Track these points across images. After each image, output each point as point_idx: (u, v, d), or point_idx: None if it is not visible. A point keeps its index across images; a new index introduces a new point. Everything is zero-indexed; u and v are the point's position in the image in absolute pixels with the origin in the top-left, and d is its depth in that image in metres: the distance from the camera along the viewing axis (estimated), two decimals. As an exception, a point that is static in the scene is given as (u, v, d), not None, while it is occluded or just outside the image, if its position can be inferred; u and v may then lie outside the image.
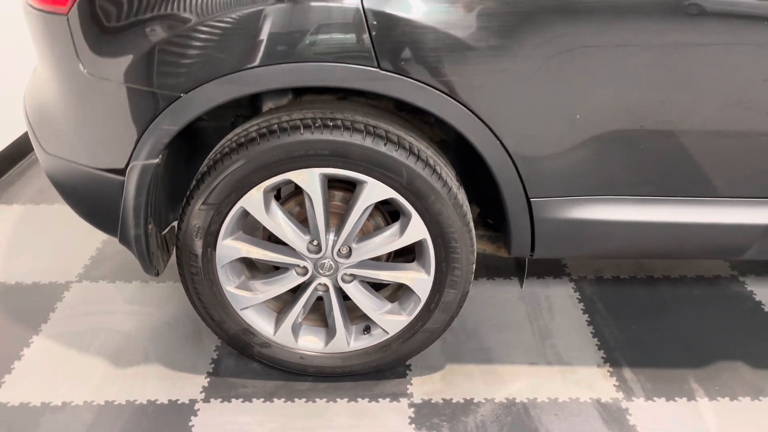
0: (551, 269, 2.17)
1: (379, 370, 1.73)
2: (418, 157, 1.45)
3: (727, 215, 1.51)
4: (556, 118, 1.39)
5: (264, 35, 1.31)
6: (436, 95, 1.35)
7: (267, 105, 1.60)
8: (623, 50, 1.34)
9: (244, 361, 1.79)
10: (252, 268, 1.72)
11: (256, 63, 1.32)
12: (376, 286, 1.72)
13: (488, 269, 2.17)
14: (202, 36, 1.32)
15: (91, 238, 2.30)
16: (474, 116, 1.37)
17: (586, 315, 1.97)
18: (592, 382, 1.73)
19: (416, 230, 1.53)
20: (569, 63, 1.32)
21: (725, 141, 1.46)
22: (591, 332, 1.90)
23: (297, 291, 1.66)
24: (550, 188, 1.48)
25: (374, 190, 1.48)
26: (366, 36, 1.29)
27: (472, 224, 1.56)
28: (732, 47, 1.34)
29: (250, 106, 1.64)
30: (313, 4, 1.29)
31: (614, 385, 1.72)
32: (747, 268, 2.16)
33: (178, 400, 1.68)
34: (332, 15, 1.29)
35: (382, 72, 1.33)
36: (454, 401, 1.67)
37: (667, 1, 1.30)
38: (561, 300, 2.04)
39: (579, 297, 2.05)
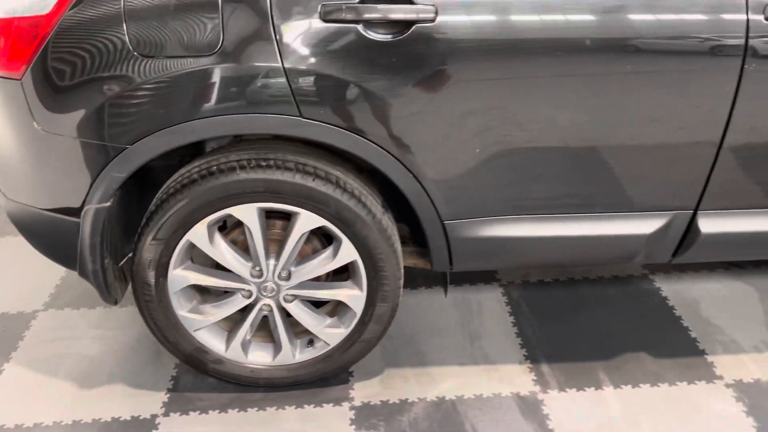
0: (483, 276, 2.38)
1: (324, 378, 1.92)
2: (344, 189, 1.64)
3: (615, 228, 1.73)
4: (457, 153, 1.59)
5: (199, 92, 1.49)
6: (352, 137, 1.54)
7: (210, 146, 1.79)
8: (517, 86, 1.53)
9: (201, 377, 1.96)
10: (204, 292, 1.89)
11: (193, 116, 1.50)
12: (318, 303, 1.92)
13: (426, 279, 2.37)
14: (145, 94, 1.50)
15: (55, 268, 2.44)
16: (386, 153, 1.57)
17: (512, 317, 2.19)
18: (513, 378, 1.94)
19: (347, 253, 1.72)
20: (464, 106, 1.52)
21: (620, 164, 1.66)
22: (515, 332, 2.12)
23: (245, 311, 1.84)
24: (460, 212, 1.69)
25: (307, 220, 1.67)
26: (287, 90, 1.48)
27: (397, 245, 1.76)
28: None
29: (194, 146, 1.81)
30: (242, 65, 1.47)
31: (533, 380, 1.93)
32: (657, 268, 2.40)
33: (140, 415, 1.84)
34: (258, 73, 1.48)
35: (305, 119, 1.52)
36: (390, 402, 1.87)
37: (562, 38, 1.51)
38: (490, 304, 2.25)
39: (507, 300, 2.27)
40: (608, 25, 1.50)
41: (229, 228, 1.84)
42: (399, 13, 1.43)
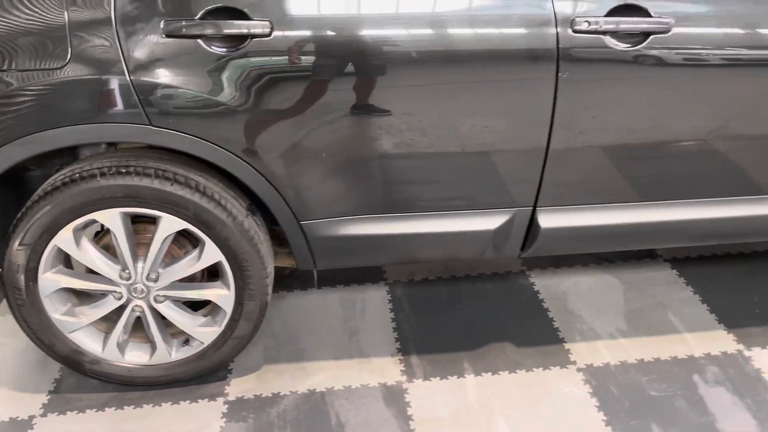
0: (371, 276, 2.50)
1: (202, 375, 2.01)
2: (204, 194, 1.74)
3: (464, 225, 1.86)
4: (303, 157, 1.70)
5: (50, 103, 1.58)
6: (202, 143, 1.64)
7: (84, 153, 1.87)
8: (353, 93, 1.64)
9: (84, 379, 2.03)
10: (82, 295, 1.97)
11: (46, 127, 1.59)
12: (200, 304, 2.00)
13: (316, 279, 2.47)
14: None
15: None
16: (237, 158, 1.67)
17: (393, 313, 2.30)
18: (383, 370, 2.05)
19: (211, 254, 1.82)
20: (302, 113, 1.63)
21: (463, 165, 1.80)
22: (393, 328, 2.23)
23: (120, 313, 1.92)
24: (316, 213, 1.80)
25: (169, 223, 1.76)
26: (135, 100, 1.58)
27: (261, 246, 1.85)
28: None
29: (71, 154, 1.89)
30: (89, 77, 1.56)
31: (401, 370, 2.04)
32: (534, 263, 2.55)
33: (17, 417, 1.90)
34: (105, 85, 1.57)
35: (155, 128, 1.62)
36: (263, 396, 1.96)
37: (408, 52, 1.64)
38: (374, 302, 2.37)
39: (390, 298, 2.38)
40: (435, 39, 1.63)
41: (103, 232, 1.92)
42: (235, 28, 1.55)
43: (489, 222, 1.86)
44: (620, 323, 2.22)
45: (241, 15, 1.56)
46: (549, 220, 1.87)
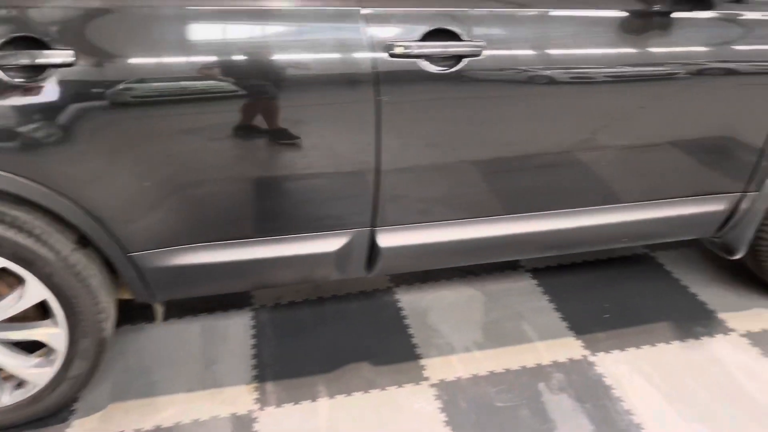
0: (236, 302, 2.46)
1: (41, 419, 1.91)
2: (21, 229, 1.66)
3: (305, 248, 1.84)
4: (123, 188, 1.64)
5: None
6: (8, 177, 1.56)
7: None
8: (162, 123, 1.60)
9: None
10: None
11: None
12: (37, 344, 1.90)
13: (180, 310, 2.40)
14: None
15: None
16: (49, 191, 1.59)
17: (254, 340, 2.26)
18: (236, 399, 2.01)
19: (35, 292, 1.73)
20: (110, 143, 1.58)
21: (295, 189, 1.77)
22: (252, 355, 2.19)
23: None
24: (144, 244, 1.75)
25: (-18, 263, 1.68)
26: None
27: (93, 280, 1.77)
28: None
29: None
30: None
31: (254, 399, 2.01)
32: (401, 280, 2.57)
33: None
34: None
35: (-48, 164, 1.54)
36: (105, 437, 1.89)
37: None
38: (237, 329, 2.32)
39: (254, 324, 2.34)
40: (250, 65, 1.61)
41: None
42: (35, 57, 1.48)
43: (329, 244, 1.86)
44: (477, 336, 2.27)
45: (41, 44, 1.51)
46: (388, 239, 1.89)
